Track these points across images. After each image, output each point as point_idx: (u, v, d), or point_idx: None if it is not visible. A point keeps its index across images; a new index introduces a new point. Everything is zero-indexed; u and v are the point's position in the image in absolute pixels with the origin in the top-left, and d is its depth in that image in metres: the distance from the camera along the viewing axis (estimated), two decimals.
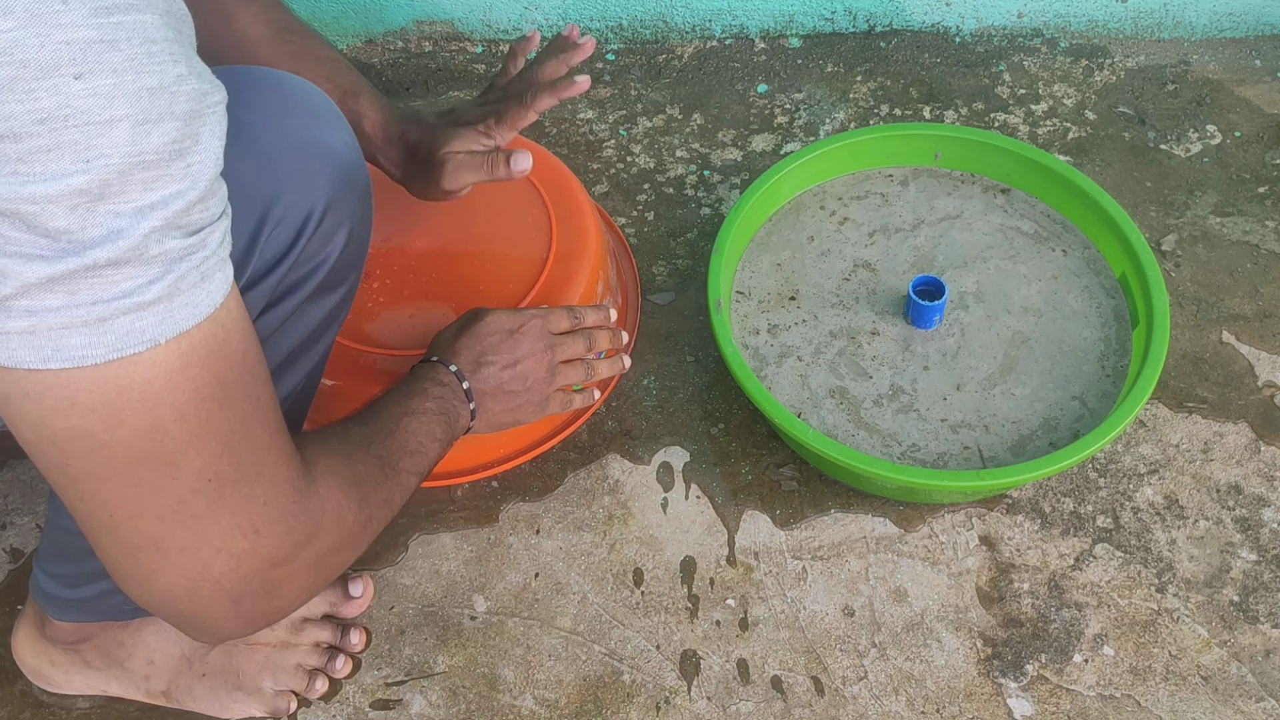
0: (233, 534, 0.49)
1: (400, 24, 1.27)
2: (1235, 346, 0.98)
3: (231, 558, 0.49)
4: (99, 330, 0.42)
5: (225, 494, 0.48)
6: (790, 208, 1.01)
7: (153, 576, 0.49)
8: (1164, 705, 0.80)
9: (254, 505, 0.49)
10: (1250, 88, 1.19)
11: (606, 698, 0.83)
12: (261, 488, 0.50)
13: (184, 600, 0.50)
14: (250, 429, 0.49)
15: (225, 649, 0.80)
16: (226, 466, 0.48)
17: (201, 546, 0.48)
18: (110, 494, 0.46)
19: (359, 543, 0.60)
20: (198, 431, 0.46)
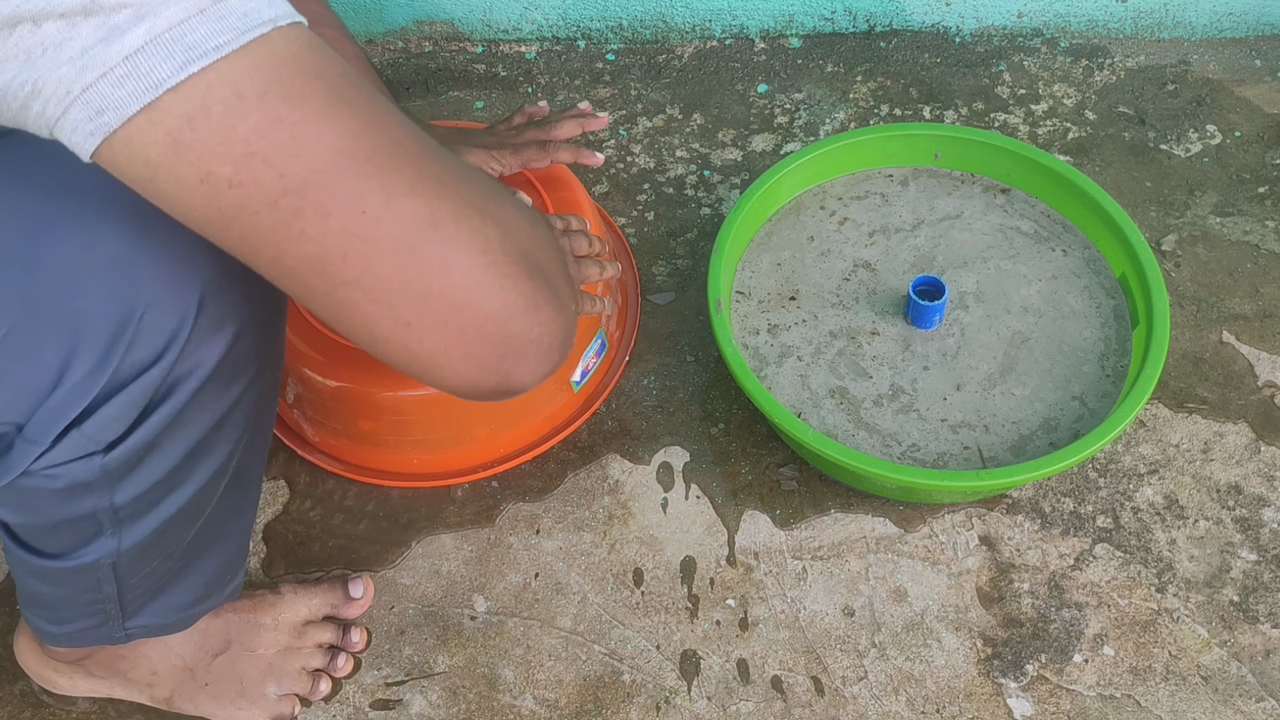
0: (503, 260, 0.44)
1: (400, 24, 1.27)
2: (1235, 346, 0.98)
3: (507, 289, 0.45)
4: (218, 12, 0.37)
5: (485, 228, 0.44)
6: (790, 208, 1.02)
7: (424, 348, 0.44)
8: (1164, 705, 0.80)
9: (517, 227, 0.46)
10: (1250, 88, 1.19)
11: (606, 698, 0.83)
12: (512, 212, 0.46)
13: (485, 380, 0.46)
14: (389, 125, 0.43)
15: (228, 657, 0.80)
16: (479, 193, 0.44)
17: (476, 284, 0.44)
18: (354, 259, 0.41)
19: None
20: (373, 101, 0.41)
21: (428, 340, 0.43)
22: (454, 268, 0.42)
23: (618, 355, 1.00)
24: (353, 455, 0.94)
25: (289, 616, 0.83)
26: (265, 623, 0.82)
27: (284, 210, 0.39)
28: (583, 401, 0.97)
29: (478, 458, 0.93)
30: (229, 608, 0.81)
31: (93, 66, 0.35)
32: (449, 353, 0.44)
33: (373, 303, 0.42)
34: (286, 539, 0.92)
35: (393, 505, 0.93)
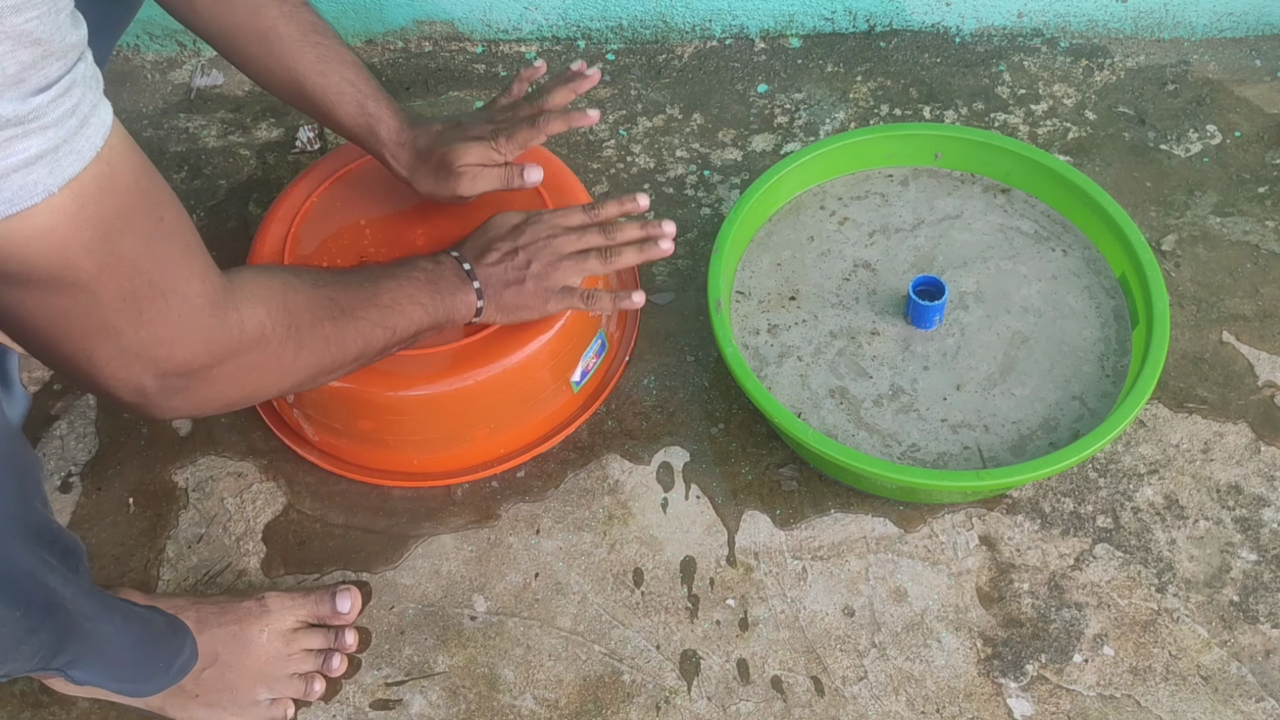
0: (151, 343, 0.54)
1: (400, 24, 1.27)
2: (1235, 346, 0.98)
3: (152, 362, 0.54)
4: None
5: (142, 310, 0.52)
6: (790, 208, 1.01)
7: (89, 380, 0.54)
8: (1164, 705, 0.80)
9: (169, 318, 0.54)
10: (1250, 88, 1.19)
11: (606, 698, 0.83)
12: (175, 302, 0.54)
13: (120, 395, 0.55)
14: (157, 249, 0.52)
15: (216, 670, 0.80)
16: (140, 286, 0.52)
17: (126, 354, 0.53)
18: (40, 322, 0.51)
19: (291, 368, 0.64)
20: (107, 261, 0.49)
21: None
22: None
23: (618, 355, 1.00)
24: (353, 455, 0.94)
25: (276, 626, 0.83)
26: (252, 635, 0.81)
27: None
28: (583, 401, 0.97)
29: (478, 458, 0.93)
30: (214, 621, 0.81)
31: None
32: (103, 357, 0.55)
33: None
34: (286, 539, 0.92)
35: (393, 505, 0.93)
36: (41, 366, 1.02)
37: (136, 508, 0.94)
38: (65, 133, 0.45)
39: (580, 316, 0.91)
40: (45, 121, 0.44)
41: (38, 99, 0.44)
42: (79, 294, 0.50)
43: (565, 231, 0.84)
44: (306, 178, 0.98)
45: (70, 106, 0.45)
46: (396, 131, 0.86)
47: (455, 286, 0.79)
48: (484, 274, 0.81)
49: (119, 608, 0.71)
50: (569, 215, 0.86)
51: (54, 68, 0.44)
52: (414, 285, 0.76)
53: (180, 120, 1.22)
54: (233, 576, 0.90)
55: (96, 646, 0.68)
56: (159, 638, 0.76)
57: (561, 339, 0.90)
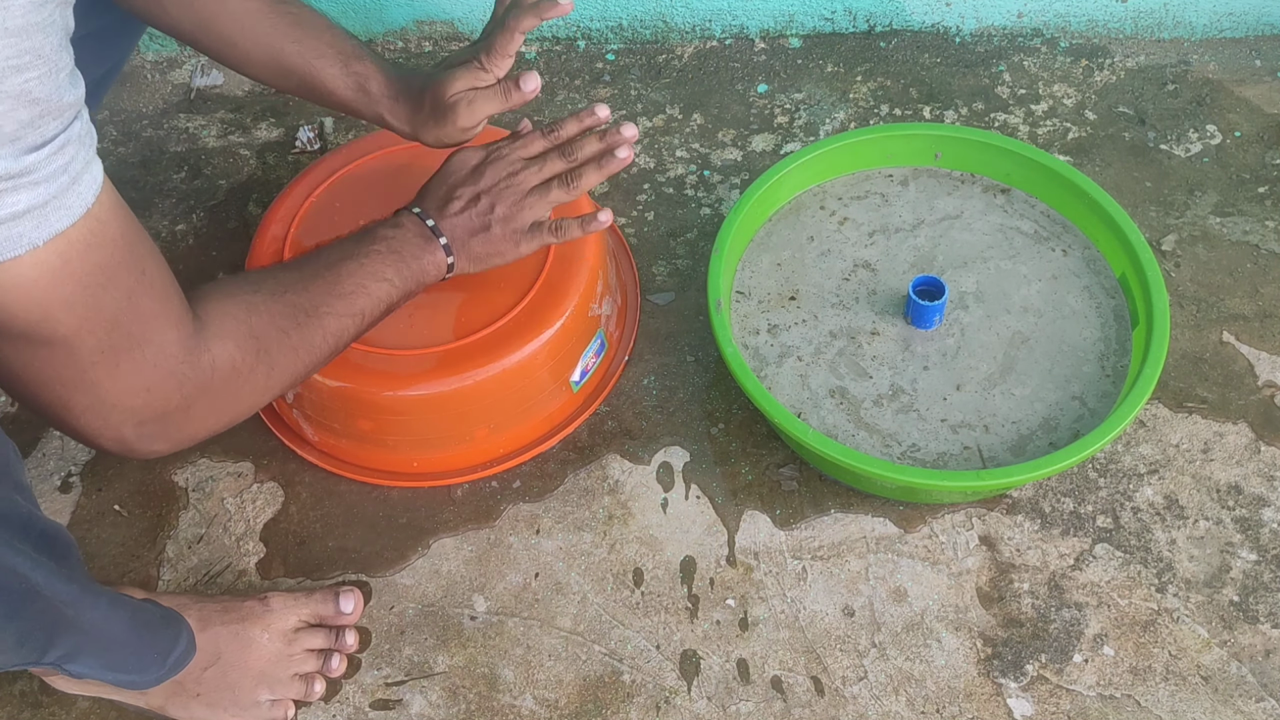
0: (127, 393, 0.54)
1: (400, 24, 1.27)
2: (1235, 346, 0.98)
3: (129, 411, 0.55)
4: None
5: (119, 362, 0.53)
6: (790, 208, 1.01)
7: (66, 425, 0.55)
8: (1164, 705, 0.80)
9: (145, 369, 0.54)
10: (1250, 88, 1.19)
11: (606, 698, 0.83)
12: (151, 352, 0.54)
13: (99, 440, 0.56)
14: (137, 303, 0.53)
15: (218, 669, 0.80)
16: (118, 339, 0.52)
17: (102, 405, 0.54)
18: (16, 370, 0.51)
19: (265, 388, 0.64)
20: (86, 316, 0.50)
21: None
22: None
23: (617, 355, 1.00)
24: (352, 455, 0.94)
25: (278, 626, 0.82)
26: (254, 634, 0.81)
27: None
28: (582, 401, 0.97)
29: (477, 458, 0.93)
30: (217, 620, 0.81)
31: None
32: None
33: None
34: (285, 539, 0.92)
35: (393, 505, 0.93)
36: None
37: (135, 508, 0.94)
38: (56, 189, 0.46)
39: (579, 318, 0.91)
40: (36, 178, 0.45)
41: (31, 156, 0.44)
42: (56, 347, 0.50)
43: (525, 164, 0.81)
44: (306, 178, 0.98)
45: (63, 164, 0.46)
46: (387, 84, 0.82)
47: (421, 248, 0.76)
48: (448, 226, 0.78)
49: (104, 594, 0.70)
50: (529, 144, 0.82)
51: (50, 126, 0.45)
52: (375, 261, 0.73)
53: (180, 120, 1.22)
54: (233, 576, 0.90)
55: (86, 635, 0.68)
56: (152, 625, 0.75)
57: (561, 339, 0.90)
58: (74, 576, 0.66)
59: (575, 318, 0.90)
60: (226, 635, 0.81)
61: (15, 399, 0.54)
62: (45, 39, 0.43)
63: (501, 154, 0.82)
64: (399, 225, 0.77)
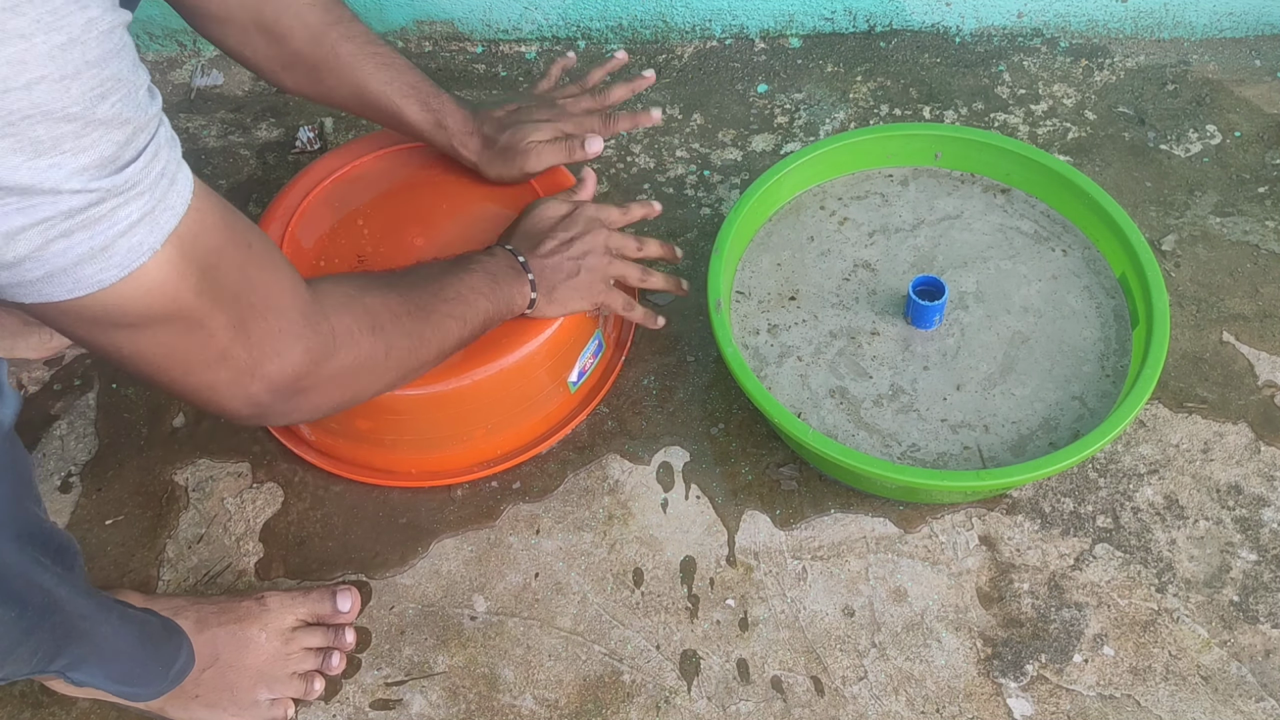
0: (261, 359, 0.58)
1: (400, 24, 1.27)
2: (1235, 346, 0.98)
3: (265, 378, 0.59)
4: (105, 257, 0.48)
5: (249, 331, 0.57)
6: (790, 208, 1.01)
7: (212, 404, 0.59)
8: (1164, 705, 0.80)
9: (273, 334, 0.58)
10: (1250, 88, 1.19)
11: (606, 698, 0.83)
12: (274, 318, 0.58)
13: (242, 412, 0.60)
14: (250, 274, 0.56)
15: (216, 670, 0.80)
16: (243, 310, 0.56)
17: (241, 375, 0.58)
18: (162, 361, 0.55)
19: (384, 368, 0.68)
20: (213, 296, 0.53)
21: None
22: None
23: (615, 356, 1.00)
24: (352, 455, 0.94)
25: (276, 625, 0.83)
26: (252, 634, 0.82)
27: None
28: (580, 401, 0.97)
29: (475, 458, 0.93)
30: (214, 621, 0.81)
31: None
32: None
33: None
34: (285, 539, 0.92)
35: (392, 505, 0.93)
36: (42, 366, 1.02)
37: (135, 508, 0.94)
38: (159, 194, 0.49)
39: (577, 318, 0.91)
40: (141, 188, 0.48)
41: (130, 169, 0.47)
42: (195, 330, 0.54)
43: (610, 225, 0.89)
44: (304, 178, 0.98)
45: (160, 170, 0.49)
46: (463, 121, 0.91)
47: (511, 278, 0.81)
48: (537, 265, 0.84)
49: (115, 608, 0.72)
50: (608, 210, 0.89)
51: (141, 139, 0.48)
52: (474, 278, 0.78)
53: (180, 120, 1.22)
54: (233, 576, 0.90)
55: (95, 647, 0.69)
56: (156, 640, 0.76)
57: (558, 339, 0.89)
58: (89, 590, 0.68)
59: (573, 318, 0.90)
60: (224, 636, 0.81)
61: (164, 389, 0.57)
62: (121, 63, 0.46)
63: (586, 210, 0.88)
64: (493, 255, 0.82)
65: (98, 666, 0.71)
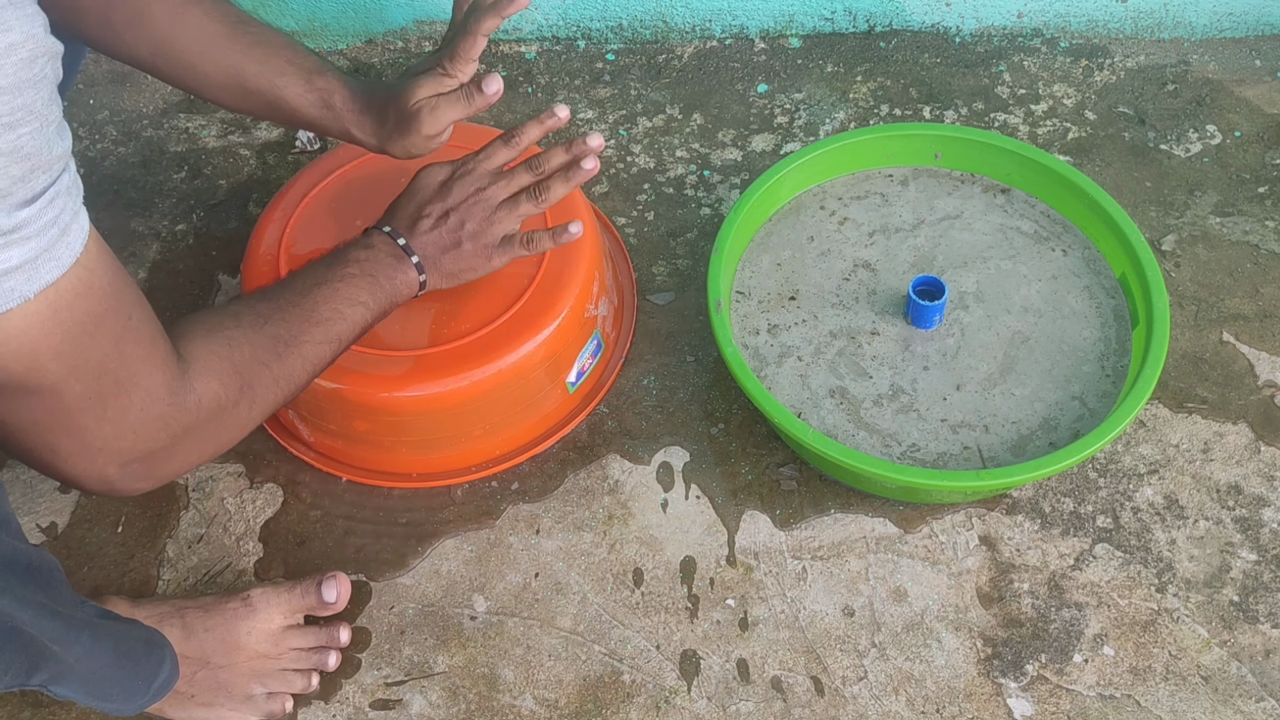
0: (114, 436, 0.55)
1: (400, 24, 1.27)
2: (1235, 346, 0.98)
3: (115, 454, 0.55)
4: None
5: (106, 407, 0.53)
6: (790, 208, 1.01)
7: (51, 469, 0.55)
8: (1164, 705, 0.80)
9: (132, 411, 0.55)
10: (1250, 88, 1.19)
11: (606, 698, 0.83)
12: (138, 395, 0.55)
13: (83, 482, 0.56)
14: (124, 348, 0.53)
15: (209, 672, 0.80)
16: (105, 385, 0.52)
17: (89, 449, 0.54)
18: (4, 418, 0.52)
19: (246, 421, 0.65)
20: (74, 364, 0.50)
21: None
22: None
23: (614, 356, 1.00)
24: (350, 456, 0.94)
25: (264, 627, 0.82)
26: (239, 637, 0.81)
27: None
28: (579, 401, 0.97)
29: (474, 458, 0.93)
30: (200, 626, 0.81)
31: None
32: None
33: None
34: (285, 540, 0.92)
35: (392, 506, 0.93)
36: None
37: (136, 508, 0.94)
38: (46, 242, 0.46)
39: (575, 318, 0.91)
40: (28, 232, 0.45)
41: (24, 212, 0.44)
42: (44, 395, 0.50)
43: (493, 179, 0.82)
44: (303, 178, 0.98)
45: (53, 216, 0.46)
46: (351, 98, 0.80)
47: (393, 268, 0.77)
48: (420, 244, 0.79)
49: (88, 626, 0.68)
50: (492, 155, 0.82)
51: (40, 180, 0.45)
52: (349, 285, 0.73)
53: (180, 120, 1.22)
54: (233, 576, 0.90)
55: (68, 667, 0.67)
56: (134, 656, 0.74)
57: (557, 340, 0.89)
58: (58, 610, 0.65)
59: (571, 318, 0.90)
60: (212, 641, 0.80)
61: (2, 445, 0.54)
62: (36, 94, 0.44)
63: (467, 169, 0.82)
64: (370, 246, 0.77)
65: (75, 685, 0.70)
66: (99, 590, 0.89)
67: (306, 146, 1.19)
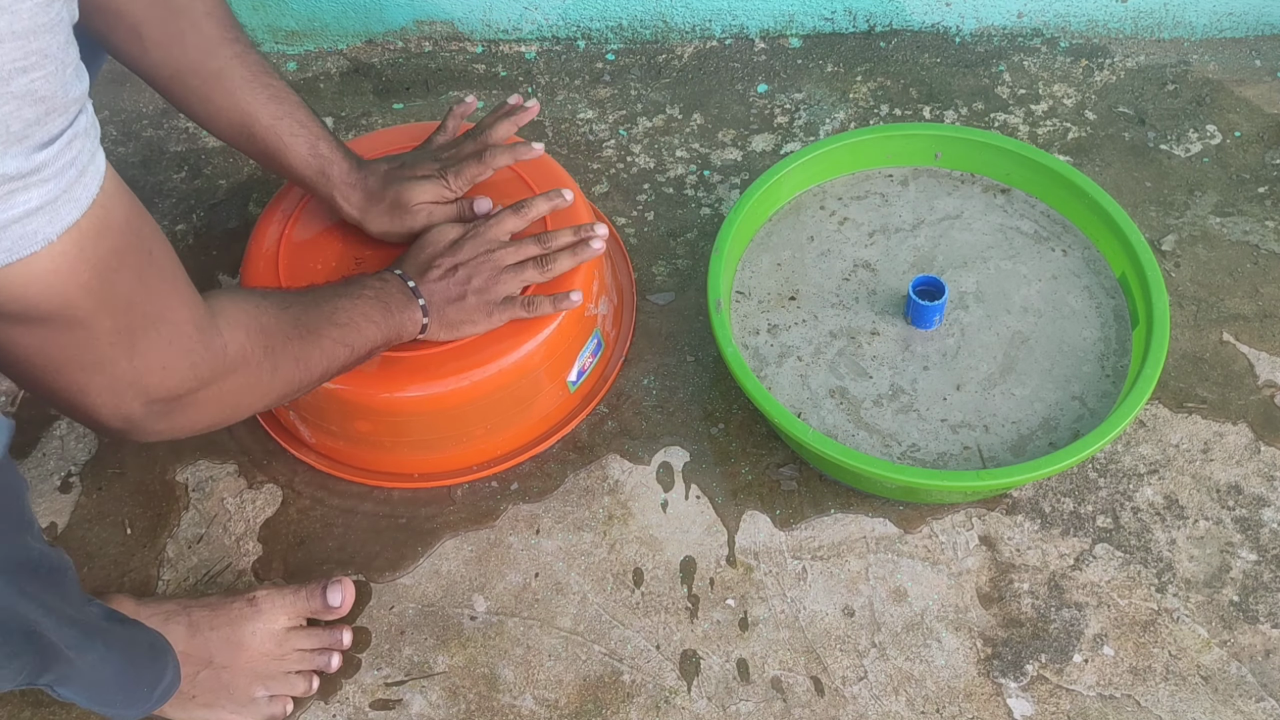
0: (144, 372, 0.56)
1: (400, 24, 1.27)
2: (1235, 346, 0.98)
3: (143, 390, 0.56)
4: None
5: (136, 341, 0.54)
6: (790, 208, 1.01)
7: (78, 410, 0.56)
8: (1164, 705, 0.80)
9: (160, 346, 0.56)
10: (1250, 88, 1.19)
11: (606, 698, 0.83)
12: (166, 330, 0.56)
13: (108, 422, 0.57)
14: (149, 282, 0.54)
15: (211, 672, 0.80)
16: (134, 318, 0.54)
17: (119, 384, 0.55)
18: (34, 356, 0.53)
19: (268, 389, 0.66)
20: (103, 298, 0.51)
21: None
22: None
23: (614, 355, 1.00)
24: (351, 456, 0.94)
25: (268, 627, 0.82)
26: (244, 637, 0.81)
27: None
28: (579, 401, 0.97)
29: (475, 458, 0.93)
30: (206, 625, 0.81)
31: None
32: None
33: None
34: (285, 540, 0.92)
35: (392, 505, 0.93)
36: None
37: (136, 508, 0.94)
38: (65, 183, 0.47)
39: (576, 316, 0.91)
40: (46, 174, 0.46)
41: (42, 154, 0.45)
42: (76, 330, 0.52)
43: (502, 245, 0.87)
44: None
45: (71, 158, 0.47)
46: (347, 173, 0.88)
47: (402, 304, 0.81)
48: (428, 291, 0.83)
49: (101, 635, 0.69)
50: (502, 223, 0.88)
51: (57, 123, 0.46)
52: (366, 304, 0.77)
53: (180, 120, 1.22)
54: (233, 576, 0.90)
55: (78, 672, 0.67)
56: (140, 663, 0.75)
57: (557, 339, 0.90)
58: (76, 617, 0.66)
59: (571, 317, 0.90)
60: (217, 640, 0.81)
61: (27, 387, 0.55)
62: (52, 38, 0.44)
63: (478, 231, 0.87)
64: (384, 280, 0.81)
65: (81, 689, 0.70)
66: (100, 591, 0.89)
67: None
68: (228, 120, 0.83)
